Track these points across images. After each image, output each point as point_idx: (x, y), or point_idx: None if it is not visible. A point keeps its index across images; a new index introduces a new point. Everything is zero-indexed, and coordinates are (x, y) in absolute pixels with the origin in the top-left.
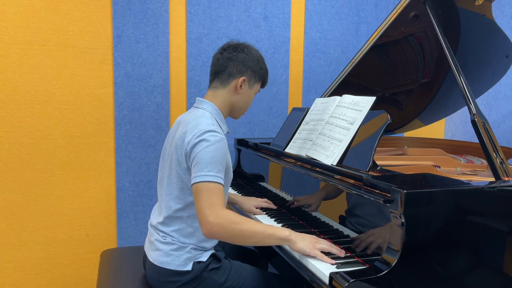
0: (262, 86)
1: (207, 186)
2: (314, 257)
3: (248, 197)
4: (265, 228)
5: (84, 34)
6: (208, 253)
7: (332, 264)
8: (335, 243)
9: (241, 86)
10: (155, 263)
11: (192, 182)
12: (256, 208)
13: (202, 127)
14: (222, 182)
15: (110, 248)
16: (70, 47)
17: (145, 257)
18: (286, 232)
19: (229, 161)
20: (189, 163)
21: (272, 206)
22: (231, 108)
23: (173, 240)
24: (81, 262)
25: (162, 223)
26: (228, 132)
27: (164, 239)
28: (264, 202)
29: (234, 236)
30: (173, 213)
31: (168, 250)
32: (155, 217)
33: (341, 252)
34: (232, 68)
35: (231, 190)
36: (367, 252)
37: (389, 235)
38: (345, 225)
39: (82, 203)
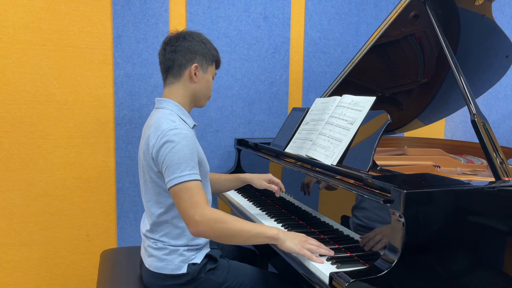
0: (217, 66)
1: (185, 187)
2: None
3: (260, 174)
4: (253, 227)
5: (84, 34)
6: (203, 254)
7: (322, 263)
8: (335, 243)
9: (195, 73)
10: (151, 268)
11: (168, 187)
12: (270, 183)
13: (163, 127)
14: (198, 177)
15: (110, 248)
16: (70, 47)
17: (141, 262)
18: (275, 231)
19: (201, 154)
20: (159, 167)
21: (282, 187)
22: (193, 99)
23: (164, 245)
24: (81, 262)
25: (150, 230)
26: (195, 125)
27: (156, 245)
28: (276, 179)
29: (222, 235)
30: (157, 218)
31: (161, 255)
32: (144, 225)
33: (330, 252)
34: (180, 59)
35: (232, 190)
36: (367, 251)
37: (389, 235)
38: (345, 225)
39: (82, 203)
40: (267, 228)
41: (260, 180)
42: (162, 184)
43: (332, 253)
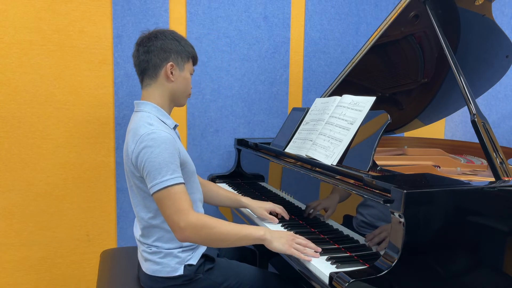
0: (194, 63)
1: (168, 193)
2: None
3: (260, 201)
4: (239, 229)
5: (84, 34)
6: (199, 254)
7: (310, 261)
8: (335, 243)
9: (171, 72)
10: (147, 272)
11: (151, 193)
12: (271, 212)
13: (141, 132)
14: (181, 180)
15: (110, 248)
16: (70, 47)
17: (139, 266)
18: (261, 232)
19: (183, 154)
20: (140, 173)
21: (286, 215)
22: (172, 98)
23: (158, 249)
24: (81, 262)
25: (142, 235)
26: (176, 125)
27: (150, 250)
28: (278, 208)
29: (208, 240)
30: (147, 223)
31: (156, 259)
32: (137, 230)
33: (317, 249)
34: (154, 59)
35: (232, 190)
36: (369, 250)
37: (389, 235)
38: (345, 225)
39: (82, 203)
40: (254, 229)
41: (261, 209)
42: (146, 189)
43: (319, 250)
